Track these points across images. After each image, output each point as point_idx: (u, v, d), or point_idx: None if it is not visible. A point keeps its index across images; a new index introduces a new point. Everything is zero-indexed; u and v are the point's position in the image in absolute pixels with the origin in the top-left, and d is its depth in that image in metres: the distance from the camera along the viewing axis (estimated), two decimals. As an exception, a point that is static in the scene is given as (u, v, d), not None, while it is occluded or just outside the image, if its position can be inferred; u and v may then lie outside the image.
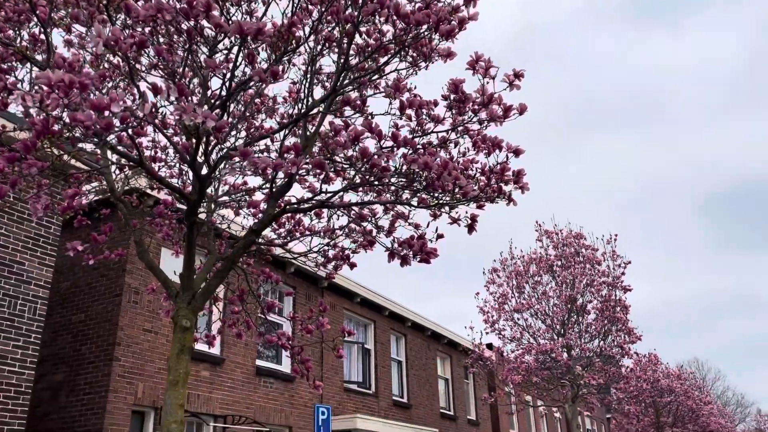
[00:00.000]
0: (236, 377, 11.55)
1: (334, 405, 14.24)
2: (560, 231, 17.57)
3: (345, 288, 15.39)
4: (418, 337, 19.31)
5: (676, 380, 28.55)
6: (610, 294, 16.54)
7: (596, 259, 16.98)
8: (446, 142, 5.39)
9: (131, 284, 9.76)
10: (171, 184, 5.35)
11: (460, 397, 21.44)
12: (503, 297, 17.63)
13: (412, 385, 18.27)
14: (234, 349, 11.64)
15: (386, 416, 16.15)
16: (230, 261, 5.58)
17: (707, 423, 29.53)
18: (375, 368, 16.49)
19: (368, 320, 16.74)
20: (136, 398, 9.37)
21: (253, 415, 11.66)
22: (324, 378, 14.12)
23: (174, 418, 4.93)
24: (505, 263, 18.03)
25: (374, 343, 16.76)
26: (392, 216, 5.86)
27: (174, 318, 5.31)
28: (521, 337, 17.07)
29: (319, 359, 14.11)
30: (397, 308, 17.72)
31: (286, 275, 13.40)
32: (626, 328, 16.54)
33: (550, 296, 17.15)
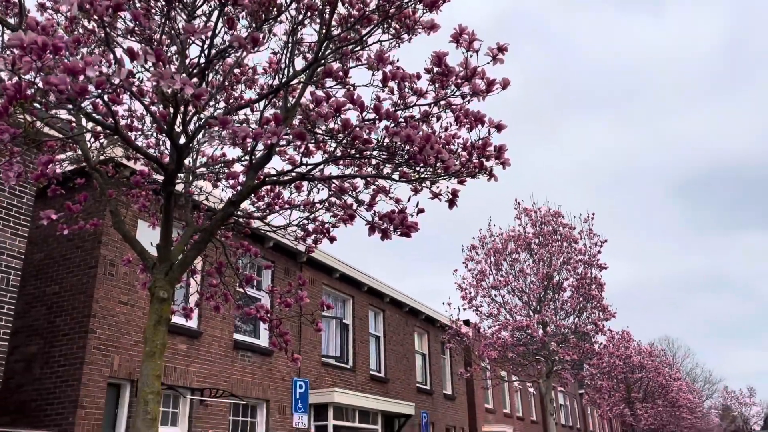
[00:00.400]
0: (214, 350, 11.53)
1: (312, 379, 14.31)
2: (539, 209, 17.72)
3: (324, 263, 15.38)
4: (396, 313, 19.43)
5: (648, 357, 29.21)
6: (585, 272, 16.78)
7: (573, 238, 17.18)
8: (428, 116, 5.35)
9: (107, 256, 9.63)
10: (148, 153, 5.25)
11: (437, 372, 21.70)
12: (481, 274, 17.79)
13: (390, 359, 18.42)
14: (211, 322, 11.60)
15: (363, 390, 16.30)
16: (208, 233, 5.52)
17: (676, 398, 30.33)
18: (353, 343, 16.59)
19: (347, 295, 16.78)
20: (112, 371, 9.31)
21: (230, 388, 11.68)
22: (302, 352, 14.16)
23: (151, 389, 4.90)
24: (483, 241, 18.16)
25: (352, 318, 16.83)
26: (373, 190, 5.83)
27: (151, 289, 5.26)
28: (498, 313, 17.28)
29: (297, 334, 14.13)
30: (376, 284, 17.78)
31: (265, 250, 13.34)
32: (601, 306, 16.82)
33: (527, 273, 17.35)
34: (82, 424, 8.75)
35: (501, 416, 26.95)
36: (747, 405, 57.83)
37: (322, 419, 13.97)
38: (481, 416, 24.81)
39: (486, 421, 25.08)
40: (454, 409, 22.48)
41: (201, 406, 10.95)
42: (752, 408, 58.34)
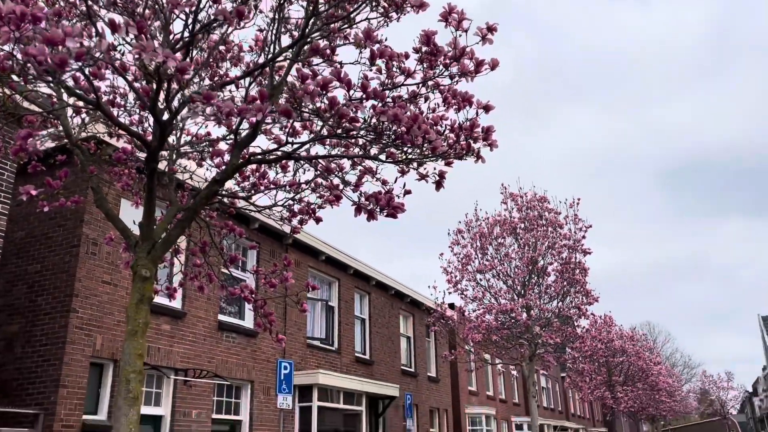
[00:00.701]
0: (198, 331, 11.48)
1: (297, 360, 14.33)
2: (525, 194, 17.76)
3: (310, 245, 15.34)
4: (382, 296, 19.47)
5: (629, 341, 29.59)
6: (570, 256, 16.89)
7: (558, 223, 17.25)
8: (416, 96, 5.30)
9: (89, 235, 9.52)
10: (130, 129, 5.16)
11: (421, 355, 21.83)
12: (467, 258, 17.83)
13: (375, 342, 18.50)
14: (196, 303, 11.54)
15: (348, 372, 16.36)
16: (192, 211, 5.46)
17: (656, 382, 30.81)
18: (338, 325, 16.61)
19: (333, 278, 16.77)
20: (95, 350, 9.24)
21: (214, 369, 11.66)
22: (287, 334, 14.16)
23: (133, 368, 4.86)
24: (469, 225, 18.19)
25: (338, 301, 16.84)
26: (360, 171, 5.79)
27: (133, 267, 5.19)
28: (483, 297, 17.37)
29: (282, 315, 14.12)
30: (362, 267, 17.79)
31: (251, 231, 13.26)
32: (584, 290, 16.96)
33: (512, 258, 17.43)
34: (64, 404, 8.70)
35: (484, 398, 27.23)
36: (725, 389, 58.95)
37: (306, 400, 14.02)
38: (464, 398, 25.06)
39: (469, 403, 25.34)
40: (438, 391, 22.68)
41: (185, 387, 10.92)
42: (729, 392, 59.49)
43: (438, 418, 22.36)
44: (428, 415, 21.43)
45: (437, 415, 22.35)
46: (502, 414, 29.33)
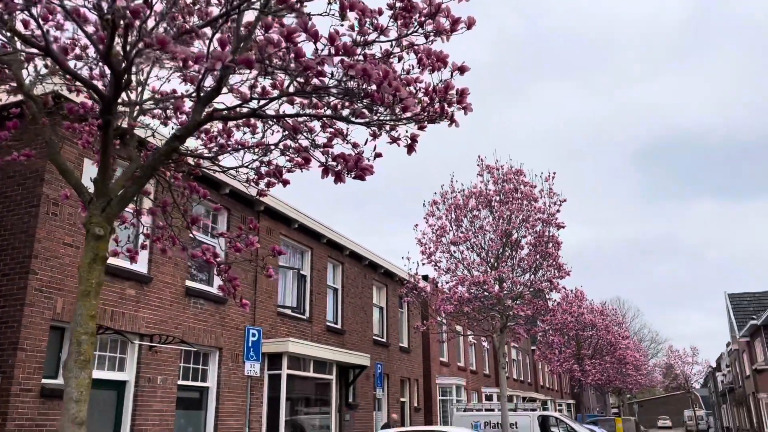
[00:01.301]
0: (164, 297, 11.25)
1: (267, 328, 14.20)
2: (501, 166, 17.67)
3: (282, 213, 15.09)
4: (355, 266, 19.36)
5: (599, 316, 30.02)
6: (543, 230, 16.91)
7: (533, 196, 17.22)
8: (389, 56, 5.07)
9: (50, 195, 9.17)
10: (83, 77, 4.86)
11: (394, 326, 21.87)
12: (441, 230, 17.77)
13: (347, 312, 18.44)
14: (163, 268, 11.28)
15: (319, 341, 16.30)
16: (150, 168, 5.21)
17: (623, 356, 31.42)
18: (310, 294, 16.48)
19: (305, 247, 16.58)
20: (55, 313, 8.98)
21: (181, 335, 11.46)
22: (257, 302, 13.99)
23: (84, 329, 4.66)
24: (445, 197, 18.08)
25: (310, 270, 16.68)
26: (330, 134, 5.58)
27: (86, 225, 4.95)
28: (456, 269, 17.37)
29: (252, 283, 13.92)
30: (336, 236, 17.61)
31: (221, 197, 12.98)
32: (556, 264, 17.03)
33: (487, 230, 17.40)
34: (23, 367, 8.45)
35: (455, 369, 27.51)
36: (689, 364, 60.58)
37: (276, 368, 13.92)
38: (435, 369, 25.27)
39: (440, 374, 25.57)
40: (410, 362, 22.81)
41: (150, 353, 10.72)
42: (694, 366, 61.16)
43: (409, 388, 22.53)
44: (399, 385, 21.57)
45: (408, 384, 22.52)
46: (473, 385, 29.71)
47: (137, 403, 10.37)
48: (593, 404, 60.67)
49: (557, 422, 19.70)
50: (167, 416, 10.94)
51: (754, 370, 38.45)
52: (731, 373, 54.72)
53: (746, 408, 46.38)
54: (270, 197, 14.52)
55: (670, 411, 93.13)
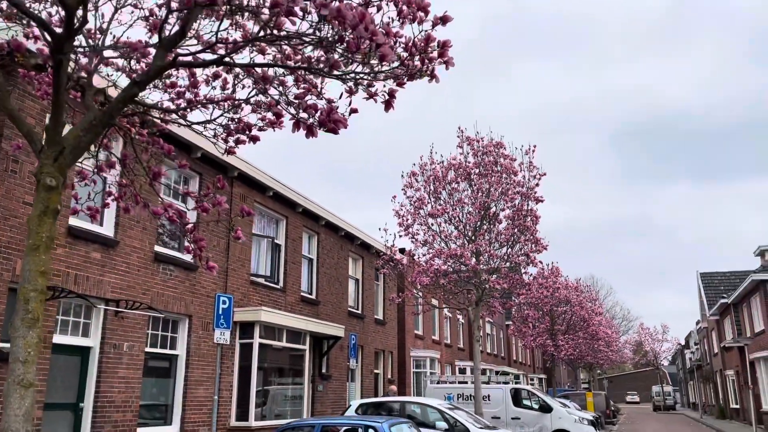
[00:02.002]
0: (132, 261, 10.88)
1: (239, 297, 13.92)
2: (481, 138, 17.44)
3: (257, 180, 14.71)
4: (331, 237, 19.10)
5: (573, 292, 30.26)
6: (522, 204, 16.78)
7: (513, 169, 17.04)
8: (368, 4, 4.75)
9: (9, 151, 8.70)
10: (33, 13, 4.47)
11: (369, 298, 21.74)
12: (419, 202, 17.55)
13: (322, 282, 18.22)
14: (130, 232, 10.90)
15: (293, 311, 16.08)
16: (107, 115, 4.85)
17: (596, 332, 31.80)
18: (284, 264, 16.20)
19: (280, 215, 16.25)
20: (14, 275, 8.58)
21: (149, 301, 11.13)
22: (229, 270, 13.68)
23: (33, 286, 4.34)
24: (424, 168, 17.83)
25: (285, 239, 16.38)
26: (303, 88, 5.26)
27: (37, 175, 4.61)
28: (433, 241, 17.20)
29: (224, 251, 13.59)
30: (312, 206, 17.30)
31: (192, 160, 12.56)
32: (534, 238, 16.95)
33: (465, 203, 17.23)
34: (-22, 331, 8.08)
35: (429, 342, 27.58)
36: (659, 341, 61.77)
37: (247, 337, 13.69)
38: (410, 341, 25.28)
39: (414, 347, 25.60)
40: (384, 334, 22.75)
41: (116, 318, 10.39)
42: (664, 344, 62.38)
43: (383, 360, 22.50)
44: (373, 357, 21.52)
45: (382, 356, 22.49)
46: (447, 358, 29.87)
47: (102, 369, 10.07)
48: (564, 379, 61.75)
49: (529, 395, 19.85)
50: (134, 383, 10.66)
51: (723, 348, 39.29)
52: (699, 350, 55.95)
53: (713, 384, 47.54)
54: (245, 163, 14.14)
55: (639, 387, 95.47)
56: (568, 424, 18.79)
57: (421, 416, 13.23)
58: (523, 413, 19.23)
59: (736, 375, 36.24)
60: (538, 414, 19.11)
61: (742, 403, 35.59)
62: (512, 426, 19.05)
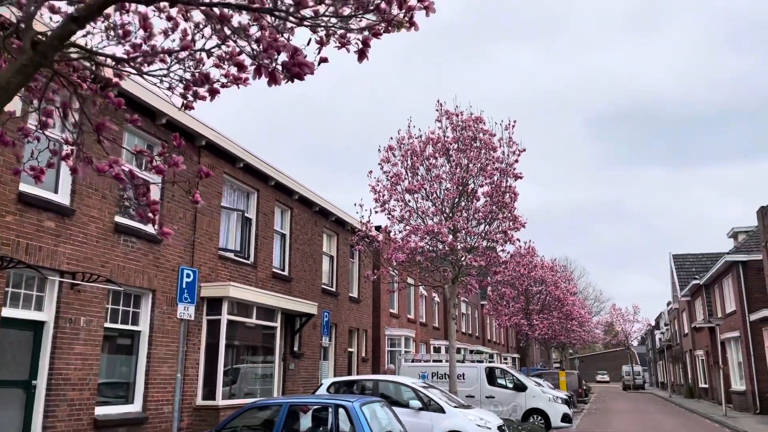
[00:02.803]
0: (90, 232, 10.25)
1: (207, 272, 13.36)
2: (460, 113, 16.98)
3: (226, 150, 14.07)
4: (305, 212, 18.56)
5: (549, 272, 30.21)
6: (500, 181, 16.42)
7: (492, 145, 16.65)
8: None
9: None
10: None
11: (344, 275, 21.30)
12: (396, 177, 17.09)
13: (295, 259, 17.71)
14: (88, 200, 10.25)
15: (264, 287, 15.57)
16: (40, 54, 4.26)
17: (570, 311, 31.90)
18: (255, 239, 15.65)
19: (251, 188, 15.65)
20: (-45, 243, 7.93)
21: (109, 274, 10.53)
22: (196, 243, 13.09)
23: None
24: (401, 142, 17.35)
25: (256, 213, 15.80)
26: (270, 36, 4.73)
27: (-44, 121, 4.01)
28: (410, 217, 16.78)
29: (191, 223, 12.99)
30: (284, 179, 16.71)
31: (157, 127, 11.90)
32: (512, 216, 16.62)
33: (443, 179, 16.81)
34: None
35: (405, 321, 27.32)
36: (631, 322, 62.66)
37: (215, 313, 13.17)
38: (385, 320, 24.98)
39: (389, 325, 25.31)
40: (359, 312, 22.39)
41: (72, 291, 9.79)
42: (635, 324, 63.31)
43: (357, 338, 22.16)
44: (347, 335, 21.15)
45: (356, 335, 22.14)
46: (422, 337, 29.68)
47: (57, 345, 9.48)
48: (537, 359, 62.39)
49: (504, 374, 19.70)
50: (91, 360, 10.10)
51: (693, 328, 39.81)
52: (669, 331, 56.84)
53: (682, 364, 48.33)
54: (213, 132, 13.49)
55: (609, 366, 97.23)
56: (542, 403, 18.70)
57: (394, 395, 12.90)
58: (497, 392, 19.08)
59: (706, 355, 36.78)
60: (513, 393, 18.98)
61: (711, 382, 36.17)
62: (486, 404, 18.89)
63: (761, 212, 23.71)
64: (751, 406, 26.00)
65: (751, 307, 25.47)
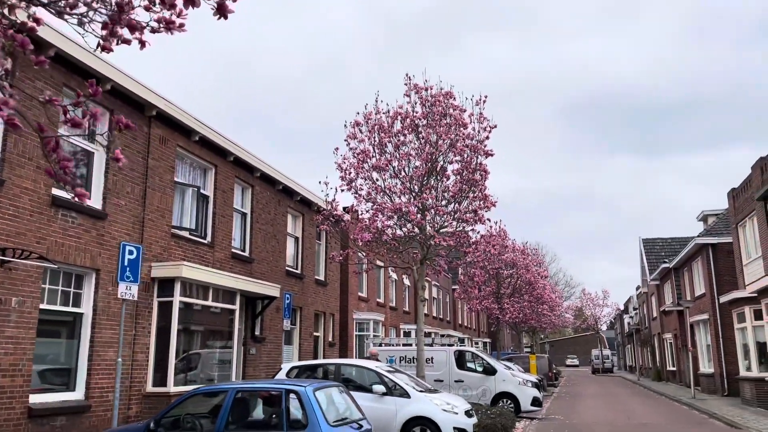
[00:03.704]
0: (22, 205, 9.36)
1: (158, 251, 12.53)
2: (430, 87, 16.28)
3: (180, 121, 13.19)
4: (268, 190, 17.76)
5: (520, 255, 29.88)
6: (471, 157, 15.81)
7: (463, 121, 16.01)
8: None
9: None
10: None
11: (310, 257, 20.58)
12: (363, 154, 16.36)
13: (257, 239, 16.93)
14: (20, 170, 9.35)
15: (223, 268, 14.78)
16: None
17: (541, 295, 31.67)
18: (213, 217, 14.82)
19: (209, 164, 14.79)
20: None
21: (45, 251, 9.66)
22: (146, 220, 12.24)
23: None
24: (368, 117, 16.59)
25: (214, 190, 14.96)
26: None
27: None
28: (377, 195, 16.09)
29: (140, 198, 12.12)
30: (245, 155, 15.87)
31: (104, 93, 10.97)
32: (482, 195, 16.04)
33: (412, 156, 16.14)
34: None
35: (374, 305, 26.75)
36: (600, 306, 63.13)
37: (167, 295, 12.36)
38: (353, 304, 24.36)
39: (358, 309, 24.71)
40: (326, 296, 21.71)
41: (2, 269, 8.91)
42: (604, 309, 63.82)
43: (324, 322, 21.50)
44: (313, 319, 20.48)
45: (323, 319, 21.48)
46: (392, 321, 29.17)
47: (-17, 328, 8.62)
48: (508, 343, 62.56)
49: (473, 358, 19.26)
50: (25, 344, 9.26)
51: (662, 312, 40.06)
52: (638, 315, 57.38)
53: (650, 347, 48.79)
54: (165, 102, 12.60)
55: (578, 351, 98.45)
56: (512, 387, 18.31)
57: (357, 379, 12.29)
58: (466, 376, 18.64)
59: (674, 338, 37.02)
60: (482, 376, 18.56)
61: (679, 365, 36.44)
62: (455, 389, 18.44)
63: (732, 194, 23.59)
64: (719, 389, 26.10)
65: (721, 290, 25.47)
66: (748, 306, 20.38)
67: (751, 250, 21.76)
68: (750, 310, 20.34)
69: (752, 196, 20.72)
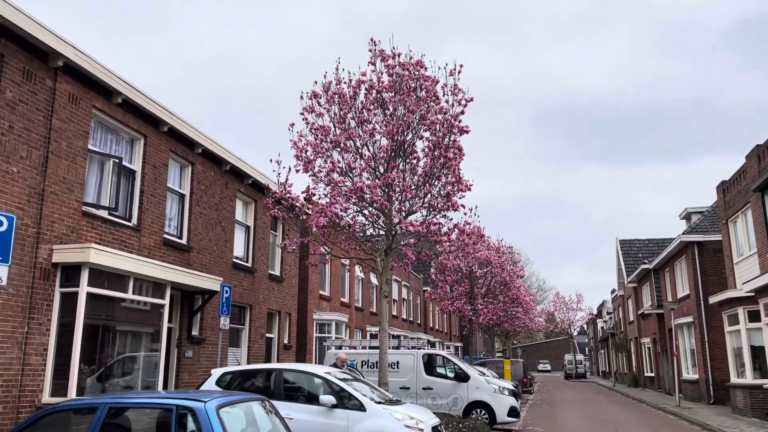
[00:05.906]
0: None
1: (64, 231, 10.27)
2: (398, 53, 14.26)
3: (97, 78, 10.96)
4: (212, 170, 15.54)
5: (495, 253, 28.14)
6: (444, 133, 13.83)
7: (435, 93, 14.02)
8: None
9: None
10: None
11: (263, 249, 18.39)
12: (323, 130, 14.25)
13: (197, 225, 14.70)
14: None
15: (151, 255, 12.54)
16: None
17: (516, 295, 29.95)
18: (140, 195, 12.58)
19: (136, 133, 12.55)
20: None
21: None
22: (47, 193, 9.97)
23: None
24: (328, 87, 14.50)
25: (143, 165, 12.72)
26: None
27: None
28: (337, 174, 14.00)
29: (40, 166, 9.86)
30: (182, 126, 13.66)
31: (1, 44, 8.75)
32: (456, 176, 14.07)
33: (379, 131, 14.08)
34: None
35: (337, 304, 24.61)
36: (574, 310, 61.82)
37: (71, 285, 10.09)
38: (314, 303, 22.19)
39: (319, 308, 22.55)
40: (281, 293, 19.52)
41: None
42: (578, 313, 62.52)
43: (279, 322, 19.30)
44: (266, 318, 18.27)
45: (278, 318, 19.28)
46: (357, 323, 27.06)
47: None
48: (480, 348, 60.87)
49: (444, 362, 17.25)
50: None
51: (640, 315, 38.63)
52: (613, 319, 56.15)
53: (626, 352, 47.43)
54: (75, 51, 10.36)
55: (550, 356, 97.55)
56: (486, 395, 16.34)
57: (306, 387, 10.17)
58: (436, 382, 16.63)
59: (653, 343, 35.58)
60: (454, 383, 16.56)
61: (658, 371, 34.98)
62: (423, 397, 16.43)
63: (721, 188, 22.07)
64: (704, 396, 24.53)
65: (707, 290, 23.93)
66: (741, 307, 18.76)
67: (744, 247, 20.21)
68: (744, 311, 18.72)
69: (746, 187, 19.15)
